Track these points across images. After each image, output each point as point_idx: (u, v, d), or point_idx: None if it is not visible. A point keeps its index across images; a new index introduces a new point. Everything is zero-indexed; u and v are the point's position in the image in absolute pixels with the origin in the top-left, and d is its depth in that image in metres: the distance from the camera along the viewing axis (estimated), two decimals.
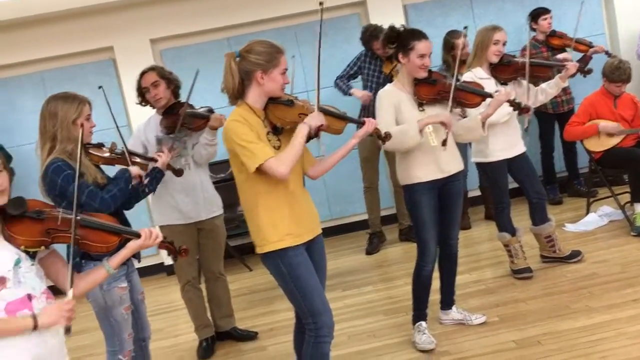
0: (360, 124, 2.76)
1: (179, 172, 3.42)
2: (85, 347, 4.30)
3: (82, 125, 2.49)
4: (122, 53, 5.72)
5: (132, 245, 2.16)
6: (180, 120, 3.54)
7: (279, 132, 2.61)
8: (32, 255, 1.96)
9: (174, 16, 5.75)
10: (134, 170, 2.93)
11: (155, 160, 3.17)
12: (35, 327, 1.81)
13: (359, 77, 5.25)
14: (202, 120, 3.58)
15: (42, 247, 1.97)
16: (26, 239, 1.91)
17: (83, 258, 2.59)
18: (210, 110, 3.63)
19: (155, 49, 5.85)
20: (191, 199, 3.70)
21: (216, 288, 3.94)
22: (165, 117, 3.68)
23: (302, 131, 2.50)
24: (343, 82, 5.19)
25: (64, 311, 1.83)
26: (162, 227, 3.76)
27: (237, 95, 2.56)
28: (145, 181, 3.05)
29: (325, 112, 2.67)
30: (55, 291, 2.05)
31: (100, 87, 3.27)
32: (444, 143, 3.11)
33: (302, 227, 2.58)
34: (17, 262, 1.86)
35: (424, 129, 3.09)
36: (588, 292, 3.65)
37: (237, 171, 2.57)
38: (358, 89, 5.15)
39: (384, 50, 4.92)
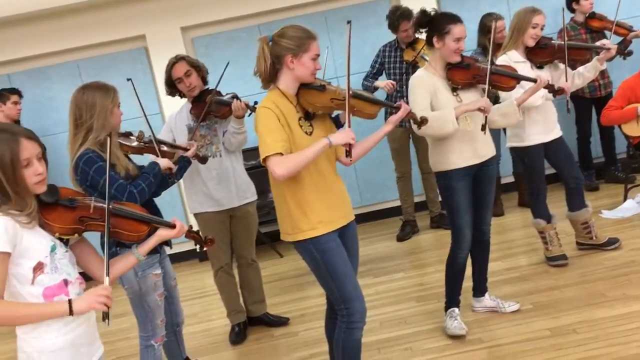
0: (394, 108, 2.71)
1: (203, 160, 3.43)
2: (121, 331, 4.39)
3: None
4: (154, 41, 5.77)
5: (161, 234, 2.20)
6: (206, 107, 3.56)
7: (311, 117, 2.60)
8: (65, 242, 1.99)
9: (204, 4, 5.77)
10: (163, 163, 2.93)
11: (185, 149, 3.19)
12: (70, 312, 1.84)
13: (383, 73, 5.20)
14: (226, 107, 3.58)
15: (76, 235, 2.01)
16: (61, 226, 1.94)
17: (118, 246, 2.63)
18: (235, 97, 3.62)
19: (186, 36, 5.89)
20: (223, 186, 3.72)
21: (248, 274, 3.97)
22: (195, 106, 3.70)
23: (320, 144, 2.44)
24: (368, 81, 5.15)
25: (98, 296, 1.86)
26: (195, 215, 3.80)
27: (269, 79, 2.57)
28: (174, 170, 3.07)
29: (358, 96, 2.65)
30: (85, 278, 2.08)
31: (129, 80, 3.28)
32: (483, 128, 3.07)
33: (334, 214, 2.57)
34: (53, 249, 1.90)
35: (460, 116, 3.05)
36: (626, 279, 3.57)
37: None
38: (380, 80, 5.10)
39: (411, 33, 4.89)
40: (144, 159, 2.96)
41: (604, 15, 5.30)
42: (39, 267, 1.85)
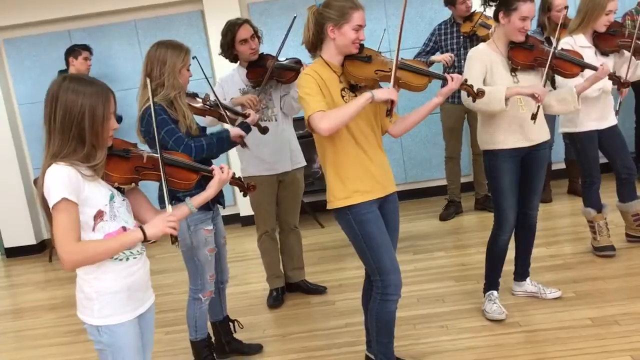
0: (444, 79, 2.66)
1: (264, 130, 3.44)
2: (164, 286, 4.53)
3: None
4: (211, 5, 5.80)
5: (212, 185, 2.24)
6: (269, 72, 3.58)
7: (356, 88, 2.59)
8: (121, 192, 2.07)
9: None
10: (235, 131, 2.98)
11: (246, 116, 3.20)
12: (145, 239, 1.94)
13: (438, 52, 5.10)
14: (292, 72, 3.59)
15: (133, 184, 2.08)
16: (120, 176, 2.02)
17: (173, 199, 2.69)
18: (299, 62, 3.62)
19: (242, 2, 5.90)
20: (278, 150, 3.76)
21: (290, 240, 4.02)
22: (252, 70, 3.71)
23: (362, 97, 2.43)
24: (422, 57, 5.06)
25: (168, 222, 1.96)
26: (246, 178, 3.82)
27: (312, 49, 2.60)
28: (245, 137, 3.09)
29: (405, 67, 2.62)
30: None
31: (194, 58, 3.30)
32: (534, 117, 2.96)
33: (373, 185, 2.57)
34: (112, 198, 1.98)
35: (510, 98, 2.97)
36: None
37: None
38: (437, 55, 4.99)
39: (469, 4, 4.80)
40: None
41: None
42: (99, 215, 1.93)
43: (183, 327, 3.08)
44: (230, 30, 3.66)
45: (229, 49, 3.72)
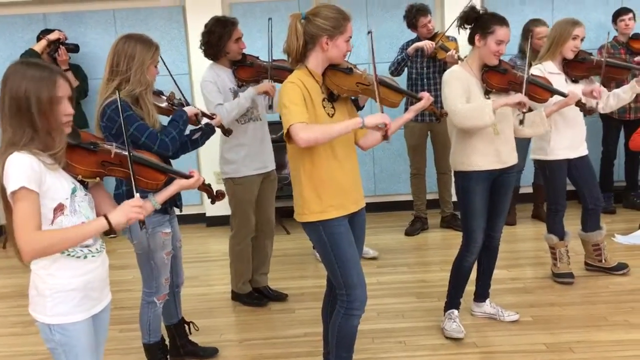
0: (416, 98, 2.71)
1: (228, 132, 3.41)
2: (124, 282, 4.44)
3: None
4: (193, 2, 5.74)
5: (180, 183, 2.23)
6: (269, 72, 3.64)
7: (335, 99, 2.59)
8: (85, 186, 2.01)
9: None
10: (190, 110, 2.93)
11: (211, 117, 3.12)
12: (109, 226, 1.86)
13: (405, 68, 5.14)
14: (288, 73, 3.58)
15: (97, 179, 2.03)
16: (85, 169, 1.96)
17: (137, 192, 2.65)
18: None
19: (224, 1, 5.85)
20: (267, 148, 3.81)
21: (266, 243, 3.98)
22: (242, 70, 3.70)
23: (352, 122, 2.43)
24: (397, 56, 5.06)
25: (133, 207, 1.90)
26: (238, 179, 3.73)
27: (298, 58, 2.54)
28: (197, 135, 3.01)
29: (383, 83, 2.64)
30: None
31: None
32: (522, 122, 3.09)
33: (347, 199, 2.57)
34: (74, 191, 1.91)
35: (497, 110, 3.02)
36: (629, 307, 3.54)
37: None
38: (414, 45, 5.00)
39: (430, 27, 4.87)
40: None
41: None
42: (59, 209, 1.86)
43: (138, 326, 3.02)
44: (229, 28, 3.61)
45: (221, 46, 3.63)
